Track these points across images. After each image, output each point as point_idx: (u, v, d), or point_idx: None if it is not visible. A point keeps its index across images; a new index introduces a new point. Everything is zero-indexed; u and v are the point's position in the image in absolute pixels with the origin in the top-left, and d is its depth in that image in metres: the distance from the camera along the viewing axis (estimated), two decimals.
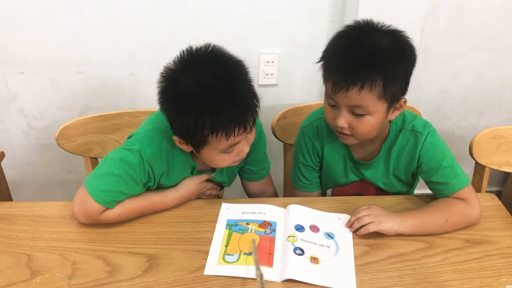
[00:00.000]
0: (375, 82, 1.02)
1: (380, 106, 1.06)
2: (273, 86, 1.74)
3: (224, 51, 1.03)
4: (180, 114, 1.00)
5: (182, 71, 1.00)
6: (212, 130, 0.99)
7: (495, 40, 1.74)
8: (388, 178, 1.26)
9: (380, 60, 1.03)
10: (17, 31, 1.55)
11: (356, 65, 1.03)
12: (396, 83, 1.05)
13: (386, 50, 1.04)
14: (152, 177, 1.13)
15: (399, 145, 1.20)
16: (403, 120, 1.20)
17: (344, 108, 1.08)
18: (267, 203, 1.21)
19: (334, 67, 1.06)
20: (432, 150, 1.17)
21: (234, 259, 1.03)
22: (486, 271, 1.01)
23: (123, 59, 1.64)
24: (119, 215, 1.10)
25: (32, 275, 0.98)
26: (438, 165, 1.16)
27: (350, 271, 1.01)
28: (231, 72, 1.01)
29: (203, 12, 1.57)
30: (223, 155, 1.07)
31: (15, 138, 1.78)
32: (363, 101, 1.04)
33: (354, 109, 1.07)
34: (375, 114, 1.07)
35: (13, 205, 1.20)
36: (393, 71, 1.04)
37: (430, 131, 1.17)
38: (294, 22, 1.62)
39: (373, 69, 1.02)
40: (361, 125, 1.09)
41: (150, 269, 1.01)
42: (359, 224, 1.08)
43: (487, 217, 1.17)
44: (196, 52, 1.02)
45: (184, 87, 0.98)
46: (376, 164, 1.24)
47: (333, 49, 1.09)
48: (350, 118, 1.09)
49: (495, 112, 1.93)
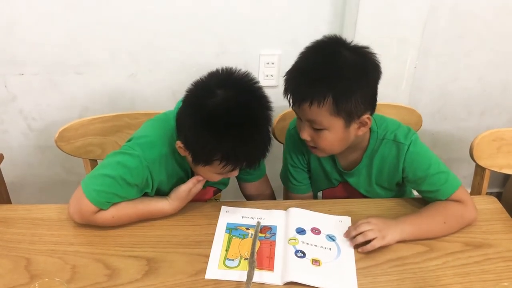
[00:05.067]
0: (323, 99, 1.03)
1: (336, 122, 1.07)
2: (273, 87, 1.73)
3: (260, 86, 1.05)
4: (198, 130, 1.00)
5: (214, 90, 1.00)
6: (222, 159, 1.01)
7: (496, 41, 1.74)
8: (371, 187, 1.26)
9: (332, 77, 1.04)
10: (16, 32, 1.55)
11: (306, 82, 1.06)
12: (350, 99, 1.05)
13: (342, 66, 1.05)
14: (150, 183, 1.12)
15: (381, 154, 1.20)
16: (385, 130, 1.20)
17: (305, 121, 1.11)
18: (267, 205, 1.20)
19: (289, 82, 1.09)
20: (416, 160, 1.16)
21: (235, 264, 1.03)
22: (487, 274, 1.01)
23: (123, 60, 1.63)
24: (113, 217, 1.10)
25: (31, 279, 0.98)
26: (424, 174, 1.15)
27: (352, 273, 1.01)
28: (260, 112, 1.03)
29: (203, 13, 1.56)
30: (215, 175, 1.10)
31: (14, 139, 1.78)
32: (316, 116, 1.07)
33: (312, 124, 1.10)
34: (332, 130, 1.09)
35: (11, 208, 1.20)
36: (346, 88, 1.04)
37: (412, 140, 1.16)
38: (294, 23, 1.61)
39: (322, 86, 1.04)
40: (320, 140, 1.12)
41: (149, 272, 1.00)
42: (363, 238, 1.07)
43: (488, 220, 1.17)
44: (234, 76, 1.03)
45: (214, 109, 0.98)
46: (358, 173, 1.25)
47: (295, 65, 1.12)
48: (311, 132, 1.12)
49: (496, 114, 1.92)
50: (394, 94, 1.66)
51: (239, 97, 1.00)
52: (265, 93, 1.06)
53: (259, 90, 1.05)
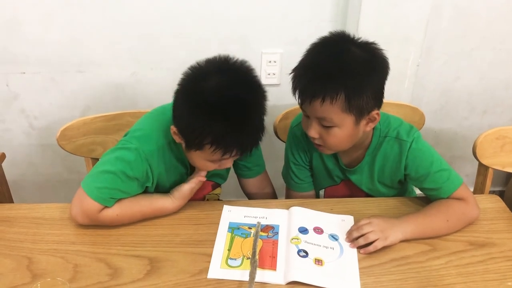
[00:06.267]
0: (336, 95, 1.03)
1: (347, 119, 1.07)
2: (275, 85, 1.73)
3: (256, 75, 1.05)
4: (190, 113, 1.01)
5: (210, 74, 1.01)
6: (213, 143, 1.00)
7: (498, 39, 1.73)
8: (373, 185, 1.26)
9: (343, 74, 1.04)
10: (18, 30, 1.55)
11: (318, 79, 1.04)
12: (361, 95, 1.04)
13: (352, 63, 1.05)
14: (150, 176, 1.13)
15: (383, 152, 1.20)
16: (387, 127, 1.19)
17: (313, 119, 1.10)
18: (269, 204, 1.20)
19: (298, 79, 1.08)
20: (418, 157, 1.16)
21: (237, 263, 1.02)
22: (491, 274, 1.01)
23: (125, 59, 1.63)
24: (118, 215, 1.10)
25: (33, 278, 0.98)
26: (427, 172, 1.15)
27: (355, 272, 1.01)
28: (253, 100, 1.02)
29: (205, 11, 1.56)
30: (208, 162, 1.10)
31: (16, 138, 1.78)
32: (327, 113, 1.06)
33: (321, 121, 1.09)
34: (342, 127, 1.08)
35: (13, 207, 1.20)
36: (357, 84, 1.04)
37: (414, 137, 1.16)
38: (296, 21, 1.61)
39: (335, 83, 1.03)
40: (329, 137, 1.10)
41: (152, 272, 1.00)
42: (365, 241, 1.06)
43: (491, 219, 1.16)
44: (231, 64, 1.03)
45: (206, 92, 0.99)
46: (360, 170, 1.24)
47: (302, 62, 1.10)
48: (320, 129, 1.10)
49: (498, 112, 1.92)
50: (397, 93, 1.65)
51: (233, 82, 1.00)
52: (260, 82, 1.05)
53: (254, 78, 1.04)
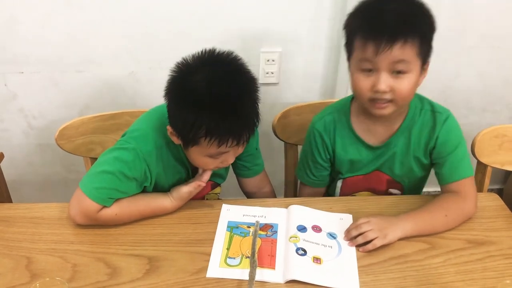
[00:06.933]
0: (414, 37, 1.03)
1: (417, 64, 1.07)
2: (273, 84, 1.73)
3: (243, 63, 1.04)
4: (181, 108, 1.01)
5: (197, 68, 1.01)
6: (207, 134, 1.00)
7: (497, 37, 1.73)
8: (408, 158, 1.22)
9: (418, 16, 1.04)
10: (16, 30, 1.54)
11: (396, 19, 1.02)
12: (428, 41, 1.06)
13: (422, 6, 1.06)
14: (148, 176, 1.13)
15: (420, 123, 1.20)
16: (420, 102, 1.21)
17: (384, 70, 1.05)
18: (268, 203, 1.20)
19: (374, 25, 1.03)
20: (452, 132, 1.18)
21: (236, 262, 1.02)
22: (489, 272, 1.01)
23: (123, 58, 1.63)
24: (116, 215, 1.10)
25: (32, 278, 0.98)
26: (453, 149, 1.17)
27: (353, 271, 1.01)
28: (242, 87, 1.02)
29: (203, 10, 1.56)
30: (208, 159, 1.09)
31: (14, 138, 1.78)
32: (406, 56, 1.03)
33: (396, 66, 1.04)
34: (413, 72, 1.07)
35: (12, 207, 1.20)
36: (429, 27, 1.06)
37: (450, 114, 1.19)
38: (295, 20, 1.61)
39: (413, 24, 1.03)
40: (402, 85, 1.06)
41: (151, 271, 1.00)
42: (364, 240, 1.06)
43: (490, 217, 1.16)
44: (217, 56, 1.03)
45: (194, 85, 0.99)
46: (395, 143, 1.21)
47: (365, 12, 1.08)
48: (390, 80, 1.06)
49: (498, 110, 1.92)
50: None
51: (220, 71, 1.01)
52: (248, 68, 1.05)
53: (242, 66, 1.04)
